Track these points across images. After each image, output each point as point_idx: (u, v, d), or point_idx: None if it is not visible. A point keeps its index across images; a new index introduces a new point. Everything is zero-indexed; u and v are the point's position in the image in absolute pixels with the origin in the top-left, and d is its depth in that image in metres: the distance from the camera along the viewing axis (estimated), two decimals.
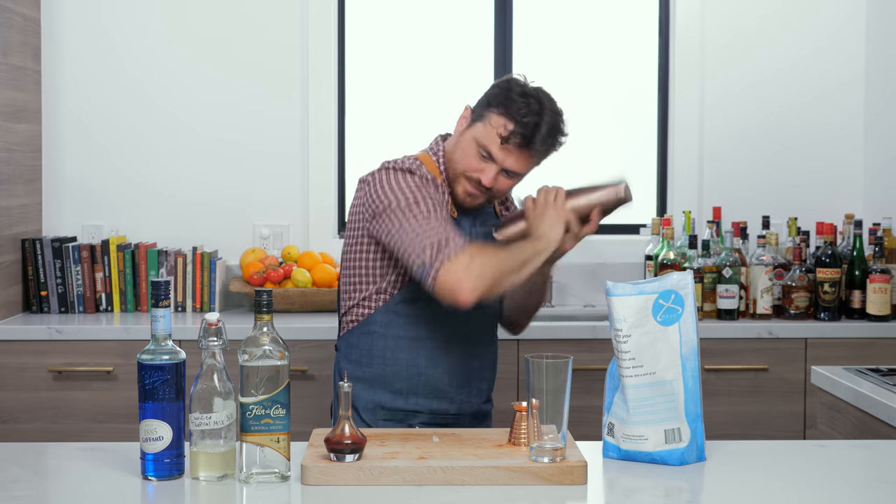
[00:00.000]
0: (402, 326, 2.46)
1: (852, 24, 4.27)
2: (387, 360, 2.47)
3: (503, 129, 2.39)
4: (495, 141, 2.40)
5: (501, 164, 2.42)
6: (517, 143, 2.40)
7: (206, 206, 4.17)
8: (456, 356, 2.50)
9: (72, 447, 2.11)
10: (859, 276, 3.81)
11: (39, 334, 3.61)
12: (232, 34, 4.17)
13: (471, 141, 2.43)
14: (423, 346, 2.47)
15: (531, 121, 2.39)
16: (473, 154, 2.43)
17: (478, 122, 2.44)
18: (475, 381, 2.55)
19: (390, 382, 2.48)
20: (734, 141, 4.28)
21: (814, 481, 1.93)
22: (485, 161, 2.42)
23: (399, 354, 2.47)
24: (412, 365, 2.47)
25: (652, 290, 1.99)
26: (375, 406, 2.48)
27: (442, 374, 2.49)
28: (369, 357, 2.48)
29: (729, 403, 3.67)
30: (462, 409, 2.53)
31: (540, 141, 2.42)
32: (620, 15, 4.40)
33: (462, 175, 2.45)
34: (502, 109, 2.40)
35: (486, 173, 2.42)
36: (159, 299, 1.87)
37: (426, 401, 2.49)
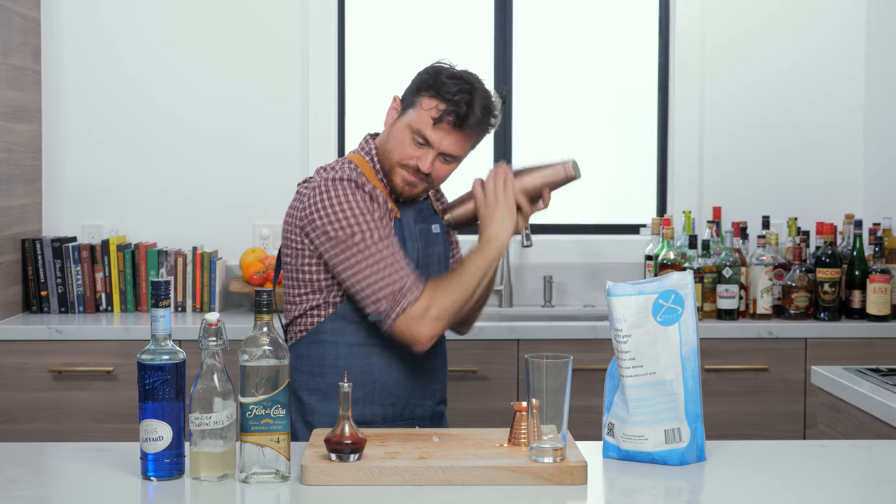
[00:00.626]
0: (353, 333, 2.41)
1: (852, 24, 4.27)
2: (340, 369, 2.40)
3: (435, 110, 2.37)
4: (428, 123, 2.38)
5: (438, 148, 2.39)
6: (451, 122, 2.38)
7: (206, 206, 4.17)
8: (409, 360, 2.45)
9: (72, 447, 2.11)
10: (859, 276, 3.81)
11: (39, 334, 3.61)
12: (232, 34, 4.17)
13: (404, 129, 2.41)
14: (375, 352, 2.42)
15: (462, 99, 2.37)
16: (408, 141, 2.40)
17: (409, 109, 2.42)
18: (429, 383, 2.51)
19: None
20: (734, 141, 4.28)
21: (814, 481, 1.93)
22: (421, 147, 2.40)
23: (352, 362, 2.41)
24: (366, 372, 2.42)
25: (652, 290, 1.99)
26: (331, 421, 2.38)
27: (397, 379, 2.45)
28: (322, 367, 2.43)
29: (729, 403, 3.67)
30: (415, 413, 2.49)
31: (474, 120, 2.39)
32: (620, 15, 4.40)
33: (398, 164, 2.42)
34: (433, 92, 2.39)
35: (423, 159, 2.40)
36: (159, 299, 1.87)
37: (381, 408, 2.44)
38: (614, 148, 4.45)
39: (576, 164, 2.45)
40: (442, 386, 2.56)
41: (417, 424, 2.48)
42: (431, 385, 2.52)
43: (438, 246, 2.54)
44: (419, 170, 2.40)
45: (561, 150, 4.40)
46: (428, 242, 2.50)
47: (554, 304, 4.19)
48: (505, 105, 4.36)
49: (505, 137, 4.36)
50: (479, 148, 2.55)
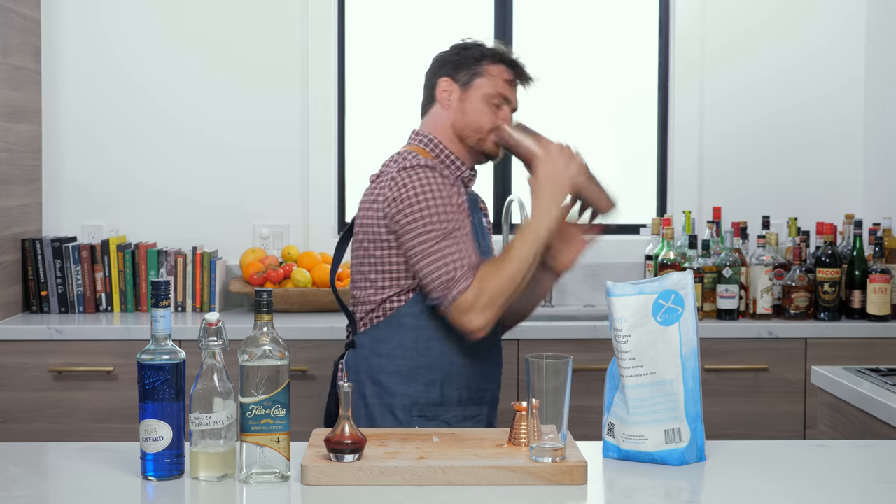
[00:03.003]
0: (432, 317, 2.49)
1: (852, 24, 4.27)
2: (420, 351, 2.50)
3: (506, 72, 2.59)
4: (505, 87, 2.58)
5: (514, 103, 2.62)
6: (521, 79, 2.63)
7: (206, 206, 4.17)
8: (479, 343, 2.52)
9: (72, 447, 2.11)
10: (859, 276, 3.81)
11: (39, 334, 3.61)
12: (232, 34, 4.17)
13: (477, 101, 2.57)
14: (452, 335, 2.50)
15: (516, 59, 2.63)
16: (490, 108, 2.56)
17: (476, 80, 2.57)
18: (494, 367, 2.61)
19: (425, 374, 2.50)
20: (734, 141, 4.28)
21: (814, 481, 1.93)
22: (500, 108, 2.58)
23: (431, 345, 2.50)
24: (444, 353, 2.51)
25: (652, 290, 1.99)
26: (411, 403, 2.50)
27: (471, 362, 2.53)
28: (403, 349, 2.51)
29: (729, 403, 3.67)
30: (484, 397, 2.58)
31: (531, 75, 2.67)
32: (620, 15, 4.40)
33: (489, 130, 2.56)
34: (489, 59, 2.58)
35: (506, 117, 2.59)
36: (159, 299, 1.87)
37: (457, 391, 2.52)
38: (614, 148, 4.45)
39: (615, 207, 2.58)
40: (500, 372, 2.66)
41: (487, 408, 2.58)
42: (496, 370, 2.62)
43: (487, 239, 2.65)
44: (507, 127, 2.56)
45: None
46: (484, 233, 2.63)
47: (554, 304, 4.19)
48: None
49: None
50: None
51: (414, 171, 2.45)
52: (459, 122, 2.57)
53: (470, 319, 2.39)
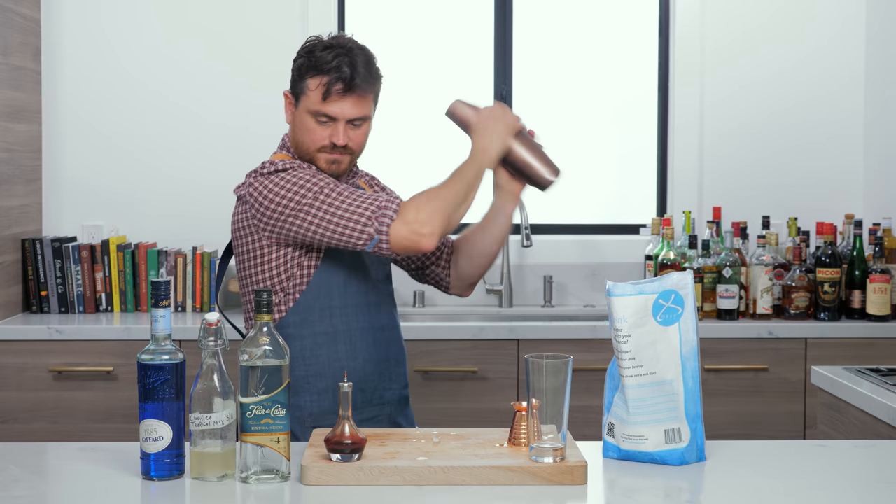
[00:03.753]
0: (316, 322, 2.42)
1: (852, 25, 4.27)
2: (307, 360, 2.43)
3: (322, 86, 2.41)
4: (320, 103, 2.42)
5: (342, 117, 2.43)
6: (340, 90, 2.41)
7: (206, 206, 4.17)
8: (372, 343, 2.47)
9: (72, 447, 2.11)
10: (859, 276, 3.81)
11: (39, 334, 3.61)
12: (232, 34, 4.17)
13: (304, 116, 2.45)
14: (339, 338, 2.44)
15: (342, 63, 2.40)
16: (314, 125, 2.44)
17: (301, 97, 2.46)
18: (393, 366, 2.53)
19: (314, 383, 2.43)
20: (734, 141, 4.28)
21: (814, 481, 1.93)
22: (327, 125, 2.44)
23: (318, 351, 2.43)
24: (333, 360, 2.43)
25: (652, 290, 1.99)
26: (304, 414, 2.43)
27: (363, 365, 2.46)
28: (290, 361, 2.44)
29: (729, 403, 3.67)
30: (384, 397, 2.50)
31: (361, 78, 2.42)
32: (620, 15, 4.40)
33: (315, 151, 2.46)
34: (314, 71, 2.42)
35: (335, 134, 2.43)
36: (159, 299, 1.87)
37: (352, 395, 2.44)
38: (614, 148, 4.45)
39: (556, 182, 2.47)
40: (403, 370, 2.57)
41: (388, 408, 2.50)
42: (395, 369, 2.53)
43: None
44: (336, 145, 2.43)
45: (561, 151, 4.41)
46: None
47: (554, 304, 4.19)
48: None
49: None
50: None
51: (271, 177, 2.40)
52: (292, 141, 2.52)
53: (417, 227, 2.29)
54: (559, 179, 2.46)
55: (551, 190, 2.47)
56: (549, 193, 2.50)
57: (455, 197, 2.36)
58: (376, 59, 2.49)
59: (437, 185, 2.38)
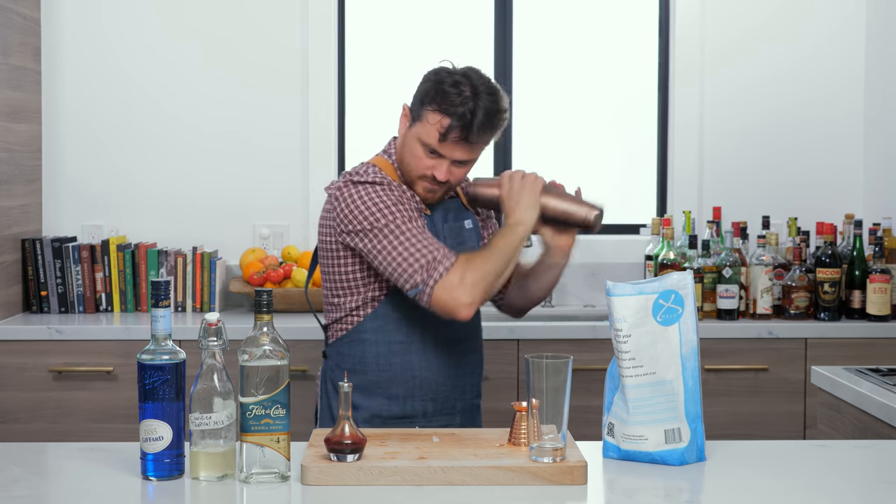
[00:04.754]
0: (392, 332, 2.48)
1: (852, 24, 4.27)
2: (381, 366, 2.49)
3: (440, 125, 2.40)
4: (436, 138, 2.41)
5: (450, 157, 2.44)
6: (456, 137, 2.41)
7: (206, 206, 4.17)
8: (446, 355, 2.52)
9: (72, 447, 2.11)
10: (859, 276, 3.81)
11: (39, 334, 3.61)
12: (232, 34, 4.17)
13: (415, 141, 2.44)
14: (414, 349, 2.50)
15: (466, 110, 2.39)
16: (421, 153, 2.44)
17: (417, 122, 2.45)
18: (467, 377, 2.57)
19: (386, 388, 2.50)
20: (734, 141, 4.28)
21: (814, 481, 1.93)
22: (433, 158, 2.44)
23: (392, 359, 2.49)
24: (406, 368, 2.49)
25: (652, 290, 1.99)
26: (372, 416, 2.49)
27: (436, 375, 2.51)
28: (363, 364, 2.50)
29: (729, 403, 3.67)
30: (455, 407, 2.55)
31: (478, 129, 2.41)
32: (620, 15, 4.40)
33: (416, 177, 2.48)
34: (436, 106, 2.41)
35: (438, 169, 2.44)
36: (159, 299, 1.87)
37: (422, 403, 2.51)
38: (614, 148, 4.45)
39: (600, 215, 2.50)
40: (478, 380, 2.62)
41: (458, 417, 2.55)
42: (469, 379, 2.58)
43: (472, 241, 2.60)
44: (436, 178, 2.45)
45: (561, 151, 4.42)
46: (461, 239, 2.56)
47: (554, 304, 4.19)
48: None
49: (505, 137, 4.36)
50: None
51: (361, 186, 2.43)
52: (398, 154, 2.52)
53: (458, 296, 2.32)
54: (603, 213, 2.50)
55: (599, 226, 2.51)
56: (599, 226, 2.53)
57: (497, 269, 2.39)
58: (504, 103, 2.47)
59: (482, 255, 2.39)
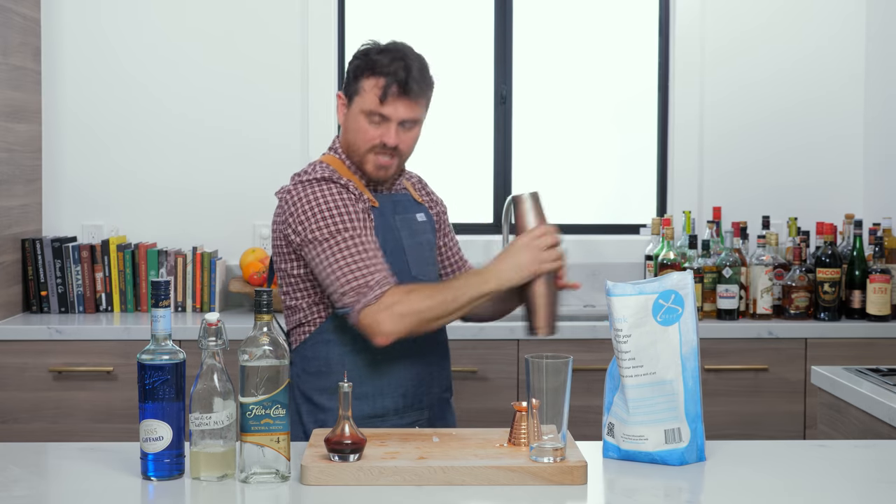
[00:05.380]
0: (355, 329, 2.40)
1: (852, 24, 4.27)
2: (347, 366, 2.43)
3: (377, 87, 2.43)
4: (376, 101, 2.43)
5: (395, 118, 2.44)
6: (396, 91, 2.43)
7: (206, 206, 4.17)
8: (412, 351, 2.47)
9: (72, 447, 2.11)
10: (859, 276, 3.81)
11: (39, 334, 3.61)
12: (232, 33, 4.17)
13: (357, 116, 2.46)
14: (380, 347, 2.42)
15: (398, 67, 2.43)
16: (366, 125, 2.45)
17: (355, 97, 2.47)
18: (434, 371, 2.54)
19: (355, 388, 2.39)
20: (734, 141, 4.29)
21: (814, 481, 1.93)
22: (379, 125, 2.45)
23: (358, 357, 2.44)
24: (373, 366, 2.45)
25: (652, 290, 1.99)
26: None
27: (405, 370, 2.47)
28: (328, 366, 2.45)
29: (729, 403, 3.67)
30: (423, 401, 2.51)
31: (414, 81, 2.44)
32: (620, 15, 4.40)
33: (366, 151, 2.47)
34: (369, 72, 2.44)
35: (386, 135, 2.45)
36: (159, 299, 1.87)
37: (392, 400, 2.46)
38: (614, 148, 4.45)
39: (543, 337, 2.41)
40: (446, 374, 2.59)
41: (427, 412, 2.51)
42: (437, 373, 2.55)
43: (426, 234, 2.57)
44: (386, 146, 2.44)
45: (562, 151, 4.41)
46: (413, 231, 2.53)
47: None
48: (505, 105, 4.36)
49: (505, 137, 4.36)
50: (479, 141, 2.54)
51: (308, 186, 2.43)
52: (343, 142, 2.52)
53: (381, 321, 2.30)
54: (546, 338, 2.42)
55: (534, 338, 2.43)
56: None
57: (437, 312, 2.34)
58: (429, 67, 2.51)
59: (429, 292, 2.35)
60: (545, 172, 4.41)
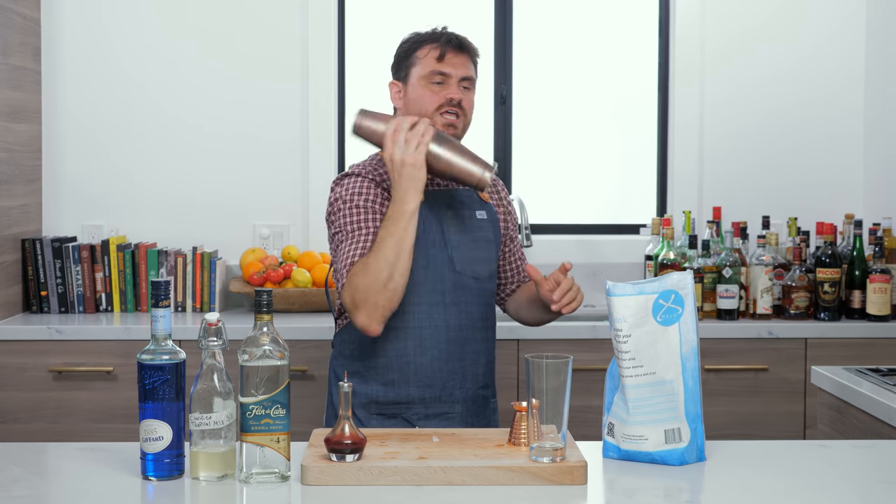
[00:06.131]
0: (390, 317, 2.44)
1: (852, 23, 4.27)
2: (376, 351, 2.51)
3: (433, 51, 2.56)
4: (435, 62, 2.55)
5: (456, 74, 2.55)
6: (452, 49, 2.56)
7: (206, 205, 4.17)
8: (445, 342, 2.51)
9: (72, 447, 2.11)
10: (859, 276, 3.81)
11: (39, 334, 3.61)
12: (232, 33, 4.17)
13: (417, 84, 2.56)
14: (410, 334, 2.50)
15: (446, 32, 2.60)
16: (430, 89, 2.55)
17: (411, 70, 2.58)
18: (468, 366, 2.55)
19: (382, 373, 2.51)
20: (734, 141, 4.29)
21: (814, 481, 1.93)
22: (442, 85, 2.55)
23: (387, 344, 2.50)
24: (401, 354, 2.50)
25: (652, 290, 1.99)
26: (369, 401, 2.51)
27: (431, 361, 2.51)
28: (361, 350, 2.52)
29: (729, 403, 3.67)
30: (454, 395, 2.53)
31: (466, 41, 2.60)
32: (620, 15, 4.40)
33: (433, 112, 2.53)
34: (421, 44, 2.58)
35: (451, 91, 2.54)
36: (159, 299, 1.87)
37: (418, 389, 2.50)
38: (614, 148, 4.45)
39: (493, 176, 2.48)
40: (484, 370, 2.59)
41: (459, 407, 2.54)
42: (471, 368, 2.56)
43: (484, 231, 2.61)
44: (452, 101, 2.52)
45: (561, 151, 4.42)
46: (466, 227, 2.57)
47: None
48: (505, 105, 4.36)
49: (505, 137, 4.36)
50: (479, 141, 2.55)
51: (340, 181, 2.55)
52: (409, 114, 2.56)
53: (353, 320, 2.40)
54: (493, 175, 2.46)
55: (486, 186, 2.45)
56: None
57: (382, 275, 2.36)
58: None
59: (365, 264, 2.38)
60: (545, 172, 4.41)
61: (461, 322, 2.54)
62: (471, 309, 2.55)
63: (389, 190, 2.50)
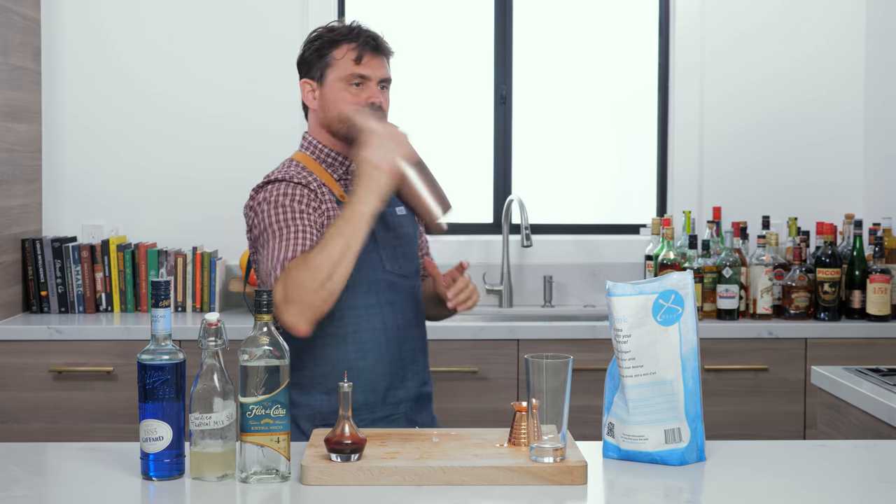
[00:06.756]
0: (325, 323, 2.37)
1: (852, 24, 4.27)
2: (317, 360, 2.42)
3: (349, 52, 2.49)
4: (353, 64, 2.48)
5: (375, 77, 2.49)
6: (369, 50, 2.50)
7: (206, 206, 4.17)
8: (385, 343, 2.46)
9: (72, 447, 2.11)
10: (859, 276, 3.81)
11: (39, 334, 3.61)
12: (232, 33, 4.17)
13: (334, 87, 2.49)
14: (350, 339, 2.43)
15: (359, 31, 2.53)
16: (349, 92, 2.48)
17: (326, 71, 2.51)
18: (409, 364, 2.51)
19: (324, 383, 2.42)
20: (734, 141, 4.29)
21: (814, 481, 1.93)
22: (361, 87, 2.49)
23: (328, 351, 2.42)
24: (342, 359, 2.42)
25: (652, 290, 1.99)
26: (313, 413, 2.42)
27: (373, 365, 2.44)
28: (300, 359, 2.43)
29: (729, 403, 3.67)
30: (398, 396, 2.48)
31: (383, 42, 2.54)
32: (620, 15, 4.40)
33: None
34: (336, 44, 2.51)
35: (372, 94, 2.48)
36: (159, 299, 1.87)
37: (363, 395, 2.42)
38: (614, 148, 4.45)
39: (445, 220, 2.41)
40: (422, 367, 2.55)
41: (403, 407, 2.49)
42: (411, 367, 2.51)
43: (405, 227, 2.56)
44: (374, 106, 2.46)
45: (562, 151, 4.42)
46: (389, 224, 2.51)
47: (554, 304, 4.19)
48: (505, 105, 4.36)
49: (505, 137, 4.36)
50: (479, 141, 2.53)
51: (263, 188, 2.44)
52: (324, 118, 2.51)
53: (280, 316, 2.22)
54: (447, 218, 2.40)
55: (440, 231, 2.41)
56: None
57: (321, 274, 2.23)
58: None
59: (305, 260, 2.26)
60: (545, 173, 4.41)
61: (398, 322, 2.48)
62: (406, 308, 2.50)
63: (317, 191, 2.43)
